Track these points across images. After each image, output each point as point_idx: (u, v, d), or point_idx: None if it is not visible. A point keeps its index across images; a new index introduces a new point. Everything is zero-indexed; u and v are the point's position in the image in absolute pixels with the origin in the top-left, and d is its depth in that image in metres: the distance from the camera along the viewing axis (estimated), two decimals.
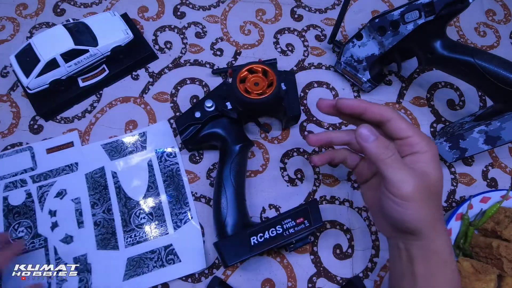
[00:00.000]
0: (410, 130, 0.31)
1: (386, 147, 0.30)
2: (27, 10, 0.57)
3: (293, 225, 0.38)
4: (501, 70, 0.41)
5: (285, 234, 0.38)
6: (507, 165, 0.51)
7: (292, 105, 0.46)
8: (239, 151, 0.44)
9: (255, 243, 0.38)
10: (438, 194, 0.31)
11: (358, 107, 0.34)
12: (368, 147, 0.30)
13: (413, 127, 0.32)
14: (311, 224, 0.39)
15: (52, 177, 0.47)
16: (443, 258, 0.30)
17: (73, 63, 0.48)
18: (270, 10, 0.60)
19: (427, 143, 0.31)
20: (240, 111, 0.44)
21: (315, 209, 0.39)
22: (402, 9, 0.43)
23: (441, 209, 0.32)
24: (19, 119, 0.50)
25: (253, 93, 0.41)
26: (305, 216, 0.39)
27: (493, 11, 0.63)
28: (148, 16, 0.58)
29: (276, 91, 0.40)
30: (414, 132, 0.31)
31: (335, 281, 0.44)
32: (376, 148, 0.30)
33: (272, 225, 0.39)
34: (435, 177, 0.30)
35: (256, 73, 0.42)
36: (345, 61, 0.52)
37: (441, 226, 0.31)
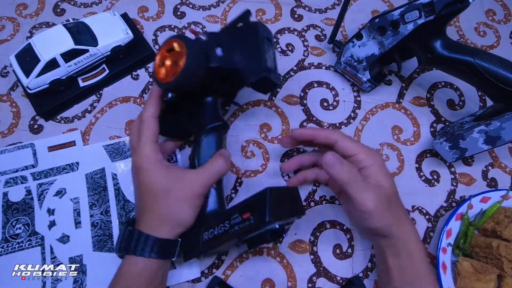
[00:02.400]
0: (355, 148, 0.36)
1: (349, 172, 0.34)
2: (27, 10, 0.57)
3: (239, 221, 0.32)
4: (501, 70, 0.41)
5: (230, 231, 0.32)
6: (507, 165, 0.51)
7: (252, 68, 0.35)
8: (209, 132, 0.39)
9: (206, 239, 0.34)
10: (395, 196, 0.36)
11: (308, 135, 0.40)
12: (333, 173, 0.34)
13: (358, 145, 0.37)
14: (256, 223, 0.30)
15: (53, 175, 0.47)
16: (409, 248, 0.35)
17: (73, 63, 0.48)
18: (270, 10, 0.60)
19: (371, 158, 0.36)
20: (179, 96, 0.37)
21: (271, 201, 0.30)
22: (402, 9, 0.43)
23: (401, 207, 0.37)
24: (19, 119, 0.50)
25: (169, 76, 0.34)
26: (252, 210, 0.31)
27: (493, 11, 0.63)
28: (148, 16, 0.58)
29: (186, 68, 0.32)
30: (359, 149, 0.36)
31: (335, 281, 0.44)
32: (340, 173, 0.34)
33: (222, 220, 0.33)
34: (387, 185, 0.35)
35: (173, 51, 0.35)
36: (345, 61, 0.52)
37: (404, 222, 0.36)
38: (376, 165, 0.36)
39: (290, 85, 0.54)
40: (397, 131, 0.52)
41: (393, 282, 0.35)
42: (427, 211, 0.48)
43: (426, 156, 0.51)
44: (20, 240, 0.43)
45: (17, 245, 0.43)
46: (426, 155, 0.51)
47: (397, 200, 0.37)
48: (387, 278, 0.36)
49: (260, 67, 0.35)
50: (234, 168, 0.49)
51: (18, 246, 0.43)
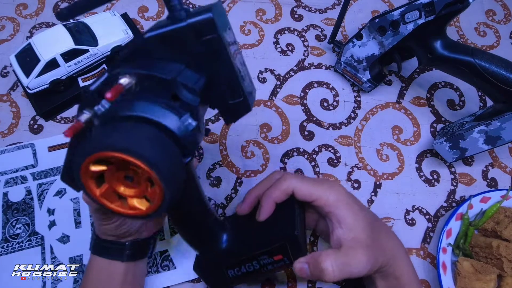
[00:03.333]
0: (314, 194, 0.32)
1: (321, 266, 0.30)
2: (27, 10, 0.57)
3: (271, 261, 0.33)
4: (501, 70, 0.41)
5: (263, 270, 0.33)
6: (507, 165, 0.51)
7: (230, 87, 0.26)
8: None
9: (234, 276, 0.34)
10: (374, 233, 0.32)
11: (256, 201, 0.35)
12: (311, 276, 0.31)
13: (316, 187, 0.33)
14: (291, 261, 0.32)
15: (53, 175, 0.47)
16: (397, 274, 0.32)
17: (73, 63, 0.48)
18: (270, 10, 0.60)
19: (333, 199, 0.32)
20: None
21: (296, 247, 0.32)
22: (402, 9, 0.43)
23: (383, 233, 0.34)
24: (19, 119, 0.50)
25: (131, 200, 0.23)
26: (283, 253, 0.32)
27: (493, 11, 0.63)
28: (148, 16, 0.58)
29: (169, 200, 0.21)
30: (319, 192, 0.32)
31: None
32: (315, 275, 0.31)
33: (248, 261, 0.33)
34: (362, 229, 0.31)
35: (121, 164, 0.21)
36: (345, 61, 0.52)
37: (391, 251, 0.33)
38: (341, 207, 0.32)
39: (290, 85, 0.54)
40: (397, 131, 0.52)
41: None
42: (427, 211, 0.48)
43: (426, 156, 0.51)
44: (20, 240, 0.43)
45: (17, 245, 0.43)
46: (426, 155, 0.51)
47: (378, 231, 0.33)
48: None
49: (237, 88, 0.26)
50: (234, 168, 0.49)
51: (18, 246, 0.43)
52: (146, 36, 0.23)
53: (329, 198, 0.32)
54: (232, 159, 0.49)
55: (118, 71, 0.23)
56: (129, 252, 0.34)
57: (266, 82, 0.54)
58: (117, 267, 0.34)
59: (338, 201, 0.32)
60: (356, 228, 0.31)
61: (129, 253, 0.34)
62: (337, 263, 0.30)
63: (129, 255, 0.34)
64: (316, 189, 0.33)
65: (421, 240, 0.46)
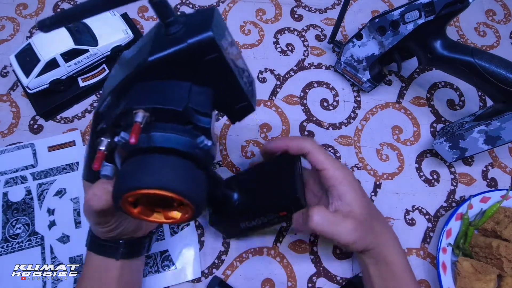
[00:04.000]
0: (325, 163, 0.35)
1: (310, 213, 0.33)
2: (27, 10, 0.57)
3: (276, 216, 0.37)
4: (501, 70, 0.41)
5: (269, 223, 0.38)
6: (507, 165, 0.51)
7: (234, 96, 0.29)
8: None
9: (244, 227, 0.39)
10: (370, 214, 0.35)
11: (280, 147, 0.38)
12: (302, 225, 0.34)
13: (328, 160, 0.35)
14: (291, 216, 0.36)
15: (53, 175, 0.47)
16: (388, 261, 0.35)
17: (73, 63, 0.48)
18: (270, 10, 0.60)
19: (340, 175, 0.34)
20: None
21: (298, 205, 0.35)
22: (402, 9, 0.43)
23: (376, 220, 0.36)
24: (19, 119, 0.50)
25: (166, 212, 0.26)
26: (287, 210, 0.36)
27: (493, 11, 0.63)
28: (148, 16, 0.58)
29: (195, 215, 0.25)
30: (329, 164, 0.35)
31: (335, 281, 0.44)
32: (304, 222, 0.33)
33: (257, 217, 0.37)
34: (359, 205, 0.34)
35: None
36: (345, 61, 0.52)
37: (381, 236, 0.35)
38: (345, 183, 0.34)
39: (290, 85, 0.54)
40: (397, 131, 0.52)
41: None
42: (427, 211, 0.48)
43: (426, 156, 0.51)
44: (20, 240, 0.43)
45: (17, 245, 0.43)
46: (426, 155, 0.51)
47: (373, 217, 0.35)
48: (370, 287, 0.36)
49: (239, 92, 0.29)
50: (234, 168, 0.49)
51: (18, 246, 0.43)
52: (149, 60, 0.24)
53: (336, 172, 0.34)
54: (232, 159, 0.49)
55: (131, 106, 0.24)
56: (123, 251, 0.35)
57: (266, 82, 0.54)
58: (113, 264, 0.35)
59: (344, 179, 0.34)
60: (354, 205, 0.34)
61: (123, 251, 0.35)
62: (325, 218, 0.33)
63: (123, 254, 0.35)
64: (328, 161, 0.35)
65: (421, 240, 0.46)
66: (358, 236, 0.33)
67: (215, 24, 0.24)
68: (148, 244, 0.38)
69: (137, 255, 0.36)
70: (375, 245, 0.34)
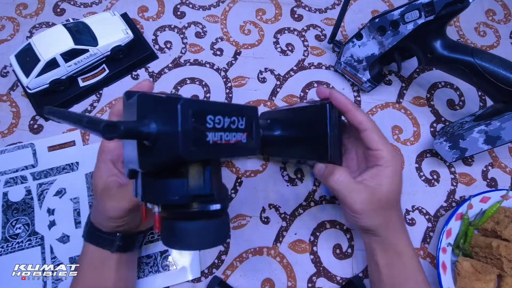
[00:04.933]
0: (380, 144, 0.34)
1: (334, 170, 0.34)
2: (27, 10, 0.57)
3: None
4: (501, 70, 0.41)
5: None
6: (507, 165, 0.51)
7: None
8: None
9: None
10: (391, 201, 0.35)
11: (344, 105, 0.35)
12: (322, 175, 0.35)
13: (384, 141, 0.35)
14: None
15: (53, 175, 0.47)
16: (397, 250, 0.35)
17: (73, 63, 0.48)
18: (270, 10, 0.60)
19: (391, 159, 0.34)
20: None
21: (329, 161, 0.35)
22: (402, 9, 0.43)
23: (395, 210, 0.36)
24: (19, 119, 0.50)
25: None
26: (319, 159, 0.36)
27: (493, 11, 0.63)
28: (148, 16, 0.58)
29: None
30: (384, 146, 0.34)
31: (335, 281, 0.44)
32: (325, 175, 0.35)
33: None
34: (388, 189, 0.34)
35: None
36: (345, 61, 0.52)
37: (394, 224, 0.35)
38: (390, 168, 0.34)
39: (290, 85, 0.54)
40: (397, 131, 0.52)
41: (382, 279, 0.35)
42: (427, 211, 0.48)
43: (426, 156, 0.51)
44: (20, 240, 0.43)
45: (17, 245, 0.43)
46: (426, 155, 0.51)
47: (392, 205, 0.35)
48: (377, 274, 0.36)
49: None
50: (234, 168, 0.49)
51: (18, 246, 0.43)
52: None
53: (389, 158, 0.34)
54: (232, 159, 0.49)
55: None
56: (119, 244, 0.35)
57: (266, 82, 0.54)
58: (109, 257, 0.36)
59: (390, 167, 0.34)
60: (380, 188, 0.34)
61: (119, 244, 0.35)
62: (346, 180, 0.34)
63: (118, 247, 0.35)
64: (384, 143, 0.34)
65: (421, 240, 0.46)
66: (365, 209, 0.33)
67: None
68: (142, 240, 0.39)
69: (131, 249, 0.37)
70: (384, 228, 0.34)
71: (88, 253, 0.36)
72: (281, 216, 0.46)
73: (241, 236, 0.45)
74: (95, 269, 0.35)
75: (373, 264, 0.37)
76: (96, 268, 0.35)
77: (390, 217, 0.35)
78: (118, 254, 0.36)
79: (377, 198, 0.33)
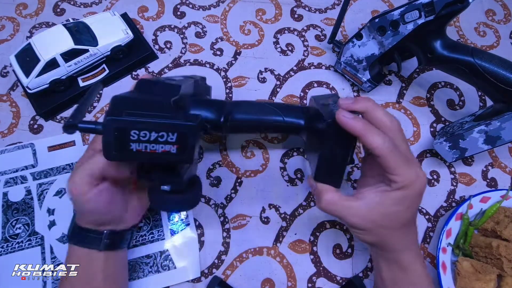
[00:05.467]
0: (398, 169, 0.30)
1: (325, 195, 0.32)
2: (27, 10, 0.57)
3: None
4: (501, 70, 0.41)
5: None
6: (507, 165, 0.51)
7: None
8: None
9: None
10: (393, 223, 0.31)
11: (354, 131, 0.30)
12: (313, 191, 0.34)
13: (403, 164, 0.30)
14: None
15: (53, 175, 0.47)
16: (403, 266, 0.33)
17: (73, 63, 0.48)
18: (270, 10, 0.60)
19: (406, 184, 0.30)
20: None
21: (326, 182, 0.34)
22: (402, 9, 0.43)
23: (404, 228, 0.32)
24: (19, 119, 0.50)
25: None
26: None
27: (493, 11, 0.63)
28: (148, 16, 0.58)
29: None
30: (402, 170, 0.30)
31: (335, 281, 0.44)
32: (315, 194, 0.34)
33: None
34: (388, 212, 0.31)
35: None
36: (345, 61, 0.52)
37: (401, 241, 0.33)
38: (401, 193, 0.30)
39: (290, 85, 0.54)
40: None
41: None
42: (427, 211, 0.48)
43: (426, 156, 0.51)
44: (20, 240, 0.43)
45: (17, 245, 0.43)
46: (426, 155, 0.51)
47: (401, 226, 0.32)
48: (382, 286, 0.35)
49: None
50: (234, 168, 0.49)
51: (18, 246, 0.43)
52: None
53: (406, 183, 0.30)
54: (232, 159, 0.49)
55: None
56: (107, 241, 0.35)
57: (266, 82, 0.54)
58: (96, 256, 0.35)
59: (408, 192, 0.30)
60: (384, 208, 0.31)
61: (106, 242, 0.35)
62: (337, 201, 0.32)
63: (106, 245, 0.35)
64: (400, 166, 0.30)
65: (421, 240, 0.46)
66: (369, 226, 0.31)
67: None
68: (130, 238, 0.39)
69: (119, 247, 0.37)
70: (389, 246, 0.32)
71: (75, 257, 0.35)
72: (281, 216, 0.46)
73: (241, 236, 0.45)
74: (82, 269, 0.35)
75: (378, 278, 0.36)
76: (83, 269, 0.35)
77: (395, 235, 0.32)
78: (105, 253, 0.35)
79: (375, 217, 0.31)
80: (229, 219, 0.46)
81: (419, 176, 0.30)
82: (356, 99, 0.32)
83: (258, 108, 0.41)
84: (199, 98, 0.40)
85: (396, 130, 0.31)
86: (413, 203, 0.31)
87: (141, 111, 0.29)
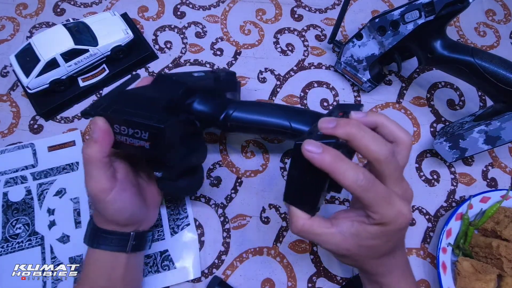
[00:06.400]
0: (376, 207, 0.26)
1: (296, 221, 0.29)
2: (27, 10, 0.57)
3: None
4: (501, 70, 0.41)
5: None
6: (507, 165, 0.51)
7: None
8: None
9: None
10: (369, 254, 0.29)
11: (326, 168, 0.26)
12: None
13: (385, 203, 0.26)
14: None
15: (53, 175, 0.47)
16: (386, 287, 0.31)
17: (73, 63, 0.48)
18: (270, 10, 0.60)
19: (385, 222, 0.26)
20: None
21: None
22: (402, 9, 0.43)
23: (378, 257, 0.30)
24: (19, 119, 0.50)
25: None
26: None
27: (493, 11, 0.63)
28: (148, 16, 0.58)
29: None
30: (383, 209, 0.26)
31: (335, 281, 0.44)
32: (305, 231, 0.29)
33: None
34: (361, 244, 0.28)
35: None
36: (345, 61, 0.52)
37: (377, 267, 0.30)
38: (378, 229, 0.27)
39: (290, 85, 0.54)
40: None
41: None
42: (427, 211, 0.48)
43: (426, 156, 0.51)
44: (20, 240, 0.43)
45: (17, 245, 0.43)
46: (426, 155, 0.51)
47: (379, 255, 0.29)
48: None
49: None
50: (234, 168, 0.49)
51: (18, 246, 0.43)
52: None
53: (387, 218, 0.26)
54: (232, 159, 0.49)
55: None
56: (134, 243, 0.35)
57: (266, 82, 0.54)
58: (120, 259, 0.35)
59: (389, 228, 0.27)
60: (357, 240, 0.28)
61: (134, 243, 0.35)
62: (308, 228, 0.29)
63: (133, 246, 0.35)
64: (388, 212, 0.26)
65: (421, 240, 0.46)
66: (345, 253, 0.29)
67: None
68: (151, 239, 0.39)
69: (143, 248, 0.37)
70: (371, 270, 0.30)
71: (94, 260, 0.34)
72: (281, 216, 0.46)
73: (241, 236, 0.45)
74: (105, 273, 0.34)
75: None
76: (105, 273, 0.34)
77: (373, 263, 0.30)
78: (127, 255, 0.35)
79: (350, 247, 0.29)
80: (229, 219, 0.46)
81: (401, 213, 0.26)
82: (340, 122, 0.26)
83: (262, 110, 0.41)
84: (206, 94, 0.40)
85: (410, 146, 0.29)
86: (394, 237, 0.28)
87: (129, 108, 0.32)
